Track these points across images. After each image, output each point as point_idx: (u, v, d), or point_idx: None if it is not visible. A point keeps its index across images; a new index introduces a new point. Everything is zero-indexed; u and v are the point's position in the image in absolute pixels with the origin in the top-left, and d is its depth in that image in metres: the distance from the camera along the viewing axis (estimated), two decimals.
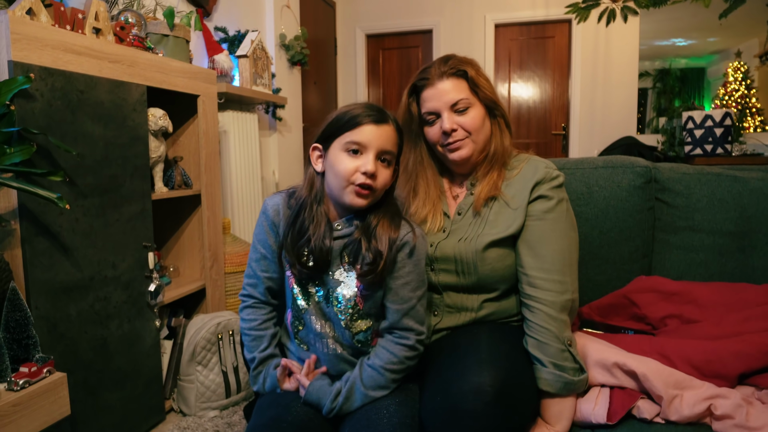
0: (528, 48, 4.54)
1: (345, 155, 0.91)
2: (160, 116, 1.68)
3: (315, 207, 0.96)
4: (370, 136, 0.90)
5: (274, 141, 3.32)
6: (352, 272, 0.95)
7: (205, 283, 1.94)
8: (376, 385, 0.93)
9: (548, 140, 4.58)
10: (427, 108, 1.11)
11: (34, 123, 1.22)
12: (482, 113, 1.10)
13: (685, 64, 8.06)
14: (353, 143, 0.90)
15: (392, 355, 0.94)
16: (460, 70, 1.09)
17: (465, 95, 1.08)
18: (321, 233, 0.93)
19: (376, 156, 0.91)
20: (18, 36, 1.18)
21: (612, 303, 1.28)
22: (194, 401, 1.72)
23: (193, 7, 2.51)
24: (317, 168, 0.97)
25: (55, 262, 1.29)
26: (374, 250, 0.92)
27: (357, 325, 0.97)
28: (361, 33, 4.80)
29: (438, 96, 1.09)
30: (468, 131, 1.08)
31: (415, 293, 0.96)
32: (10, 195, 1.20)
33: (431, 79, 1.10)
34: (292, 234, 0.96)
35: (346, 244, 0.95)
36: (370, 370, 0.94)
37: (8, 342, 1.12)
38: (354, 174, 0.90)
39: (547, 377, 0.96)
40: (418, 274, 0.96)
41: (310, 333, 0.99)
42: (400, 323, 0.95)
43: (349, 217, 0.96)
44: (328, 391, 0.93)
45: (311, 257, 0.94)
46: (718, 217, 1.32)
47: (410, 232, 0.95)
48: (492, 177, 1.10)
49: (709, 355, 0.98)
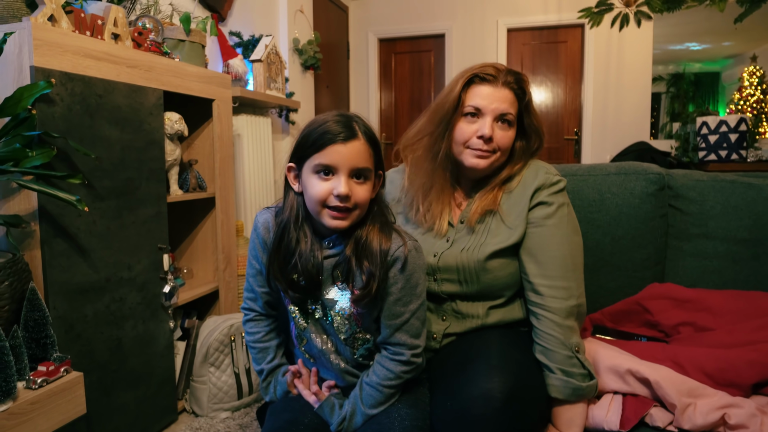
0: (540, 53, 4.53)
1: (316, 178, 0.86)
2: (175, 120, 1.71)
3: (298, 229, 0.92)
4: (338, 157, 0.85)
5: (287, 144, 3.35)
6: (347, 291, 0.92)
7: (218, 285, 1.96)
8: (375, 403, 0.93)
9: (560, 145, 4.56)
10: (474, 102, 1.07)
11: (54, 127, 1.24)
12: (514, 136, 1.10)
13: (700, 68, 7.98)
14: (322, 166, 0.86)
15: (388, 371, 0.93)
16: (523, 90, 1.08)
17: (514, 112, 1.08)
18: (308, 254, 0.90)
19: (347, 175, 0.85)
20: (40, 42, 1.21)
21: (624, 309, 1.27)
22: (206, 402, 1.74)
23: (208, 12, 2.54)
24: (295, 188, 0.92)
25: (72, 264, 1.31)
26: (367, 271, 0.88)
27: (357, 341, 0.97)
28: (374, 37, 4.82)
29: (493, 97, 1.06)
30: (499, 146, 1.07)
31: (407, 308, 0.92)
32: (31, 197, 1.23)
33: (495, 80, 1.07)
34: (278, 260, 0.92)
35: (338, 263, 0.91)
36: (368, 388, 0.94)
37: (27, 341, 1.14)
38: (327, 196, 0.85)
39: (555, 384, 0.96)
40: (410, 288, 0.91)
41: (313, 348, 0.99)
42: (393, 338, 0.93)
43: (335, 237, 0.92)
44: (336, 413, 0.94)
45: (301, 278, 0.91)
46: (732, 225, 1.31)
47: (402, 245, 0.90)
48: (492, 191, 1.10)
49: (723, 364, 0.97)
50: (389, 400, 0.94)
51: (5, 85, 1.23)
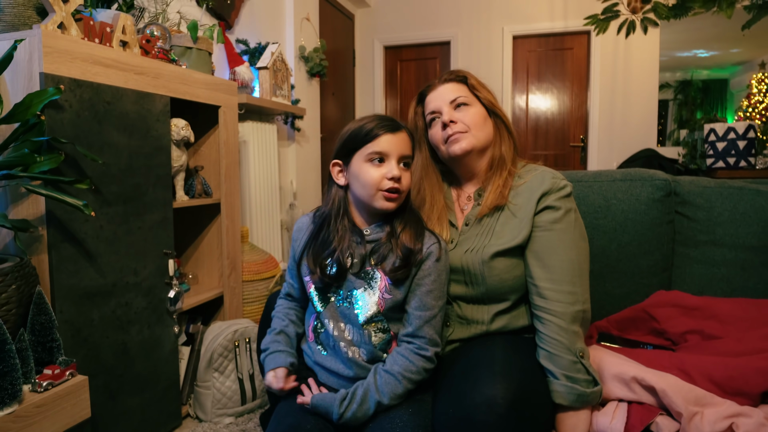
0: (546, 59, 4.53)
1: (369, 165, 0.97)
2: (182, 126, 1.72)
3: (339, 220, 1.01)
4: (390, 145, 0.96)
5: (292, 151, 3.37)
6: (377, 274, 0.98)
7: (223, 290, 1.97)
8: (391, 392, 0.93)
9: (566, 152, 4.55)
10: (429, 109, 1.17)
11: (62, 133, 1.26)
12: (483, 113, 1.15)
13: (707, 75, 7.95)
14: (376, 153, 0.96)
15: (411, 363, 0.95)
16: (460, 76, 1.17)
17: (464, 93, 1.14)
18: (345, 245, 0.98)
19: (397, 161, 0.97)
20: (50, 49, 1.23)
21: (630, 317, 1.26)
22: (210, 407, 1.74)
23: (215, 20, 2.57)
24: (340, 182, 1.02)
25: (79, 268, 1.32)
26: (403, 247, 0.96)
27: (376, 329, 0.98)
28: (380, 44, 4.85)
29: (439, 96, 1.16)
30: (467, 125, 1.12)
31: (438, 302, 0.99)
32: (39, 202, 1.24)
33: (434, 85, 1.18)
34: (314, 246, 1.01)
35: (375, 248, 0.99)
36: (387, 375, 0.95)
37: (33, 344, 1.15)
38: (381, 181, 0.96)
39: (559, 389, 0.95)
40: (441, 283, 0.99)
41: (328, 337, 1.01)
42: (420, 331, 0.97)
43: (378, 224, 1.01)
44: (333, 397, 0.94)
45: (333, 267, 0.98)
46: (741, 232, 1.30)
47: (436, 243, 1.00)
48: (497, 185, 1.11)
49: (731, 372, 0.96)
50: (402, 396, 0.94)
51: (15, 92, 1.24)
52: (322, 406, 0.94)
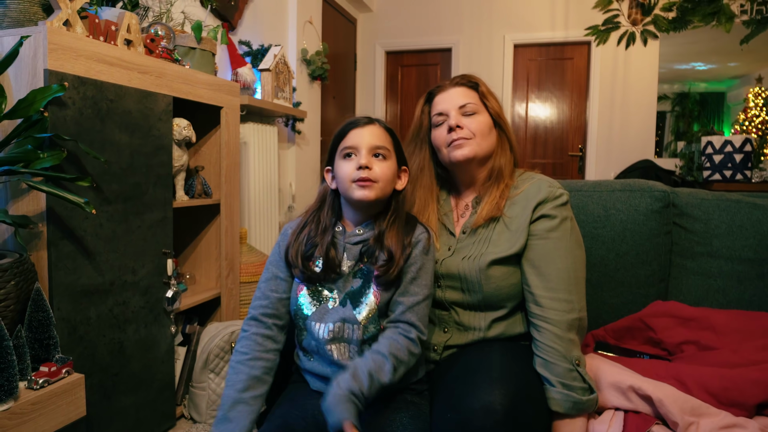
0: (546, 69, 4.56)
1: (343, 161, 1.00)
2: (184, 126, 1.72)
3: (324, 216, 1.03)
4: (358, 138, 0.99)
5: (292, 153, 3.37)
6: (372, 270, 0.99)
7: (221, 291, 1.96)
8: (379, 368, 0.89)
9: (565, 161, 4.57)
10: (437, 110, 1.16)
11: (65, 130, 1.26)
12: (489, 122, 1.15)
13: (705, 88, 8.00)
14: (347, 148, 0.99)
15: (397, 342, 0.93)
16: (472, 82, 1.17)
17: (474, 101, 1.14)
18: (329, 239, 0.99)
19: (368, 152, 0.98)
20: (54, 46, 1.23)
21: (627, 326, 1.27)
22: (205, 408, 1.73)
23: (219, 21, 2.57)
24: (332, 187, 1.04)
25: (78, 266, 1.32)
26: (387, 249, 0.98)
27: (372, 326, 0.97)
28: (381, 49, 4.87)
29: (449, 98, 1.15)
30: (472, 132, 1.12)
31: (422, 290, 0.99)
32: (39, 198, 1.24)
33: (444, 86, 1.17)
34: (297, 242, 1.01)
35: (364, 247, 1.00)
36: (376, 355, 0.91)
37: (30, 341, 1.14)
38: (352, 172, 0.97)
39: (555, 397, 0.96)
40: (427, 272, 1.00)
41: (311, 341, 0.99)
42: (404, 316, 0.97)
43: (366, 224, 1.02)
44: (336, 396, 0.84)
45: (319, 262, 0.99)
46: (737, 244, 1.31)
47: (425, 231, 1.03)
48: (494, 196, 1.11)
49: (727, 383, 0.97)
50: (391, 375, 0.89)
51: (19, 88, 1.24)
52: (332, 404, 0.84)
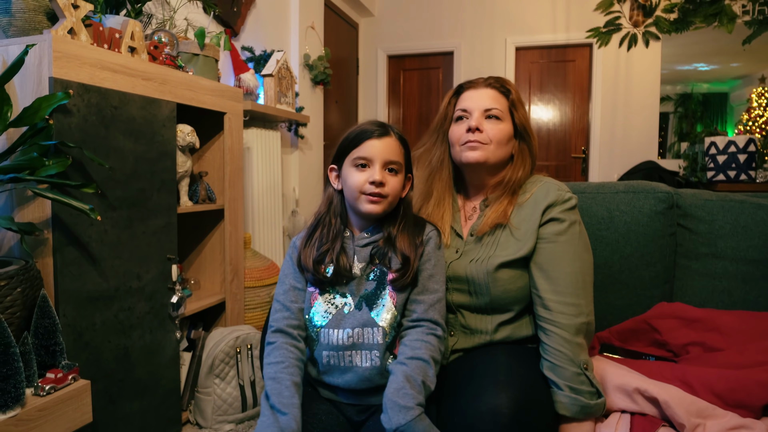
0: (548, 71, 4.56)
1: (354, 170, 0.99)
2: (188, 132, 1.73)
3: (333, 220, 1.02)
4: (374, 150, 0.98)
5: (295, 158, 3.38)
6: (385, 272, 0.99)
7: (225, 296, 1.97)
8: (425, 375, 0.90)
9: (568, 163, 4.56)
10: (462, 105, 1.15)
11: (70, 137, 1.26)
12: (510, 132, 1.13)
13: (708, 88, 8.00)
14: (360, 158, 0.98)
15: (429, 343, 0.94)
16: (505, 87, 1.15)
17: (501, 107, 1.12)
18: (339, 245, 0.99)
19: (381, 167, 0.98)
20: (59, 54, 1.24)
21: (632, 328, 1.27)
22: (211, 414, 1.73)
23: (222, 27, 2.59)
24: (336, 186, 1.04)
25: (83, 272, 1.33)
26: (401, 254, 0.98)
27: (390, 327, 0.97)
28: (383, 54, 4.88)
29: (477, 97, 1.14)
30: (490, 138, 1.11)
31: (441, 288, 1.00)
32: (45, 205, 1.25)
33: (477, 84, 1.16)
34: (309, 246, 1.01)
35: (374, 249, 1.00)
36: (413, 362, 0.90)
37: (36, 348, 1.15)
38: (364, 185, 0.97)
39: (563, 400, 0.95)
40: (442, 268, 1.02)
41: (323, 350, 0.98)
42: (427, 314, 0.97)
43: (372, 228, 1.02)
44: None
45: (331, 267, 0.99)
46: (742, 245, 1.31)
47: (434, 230, 1.04)
48: (502, 204, 1.11)
49: (733, 384, 0.96)
50: (435, 379, 0.92)
51: (25, 95, 1.25)
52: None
